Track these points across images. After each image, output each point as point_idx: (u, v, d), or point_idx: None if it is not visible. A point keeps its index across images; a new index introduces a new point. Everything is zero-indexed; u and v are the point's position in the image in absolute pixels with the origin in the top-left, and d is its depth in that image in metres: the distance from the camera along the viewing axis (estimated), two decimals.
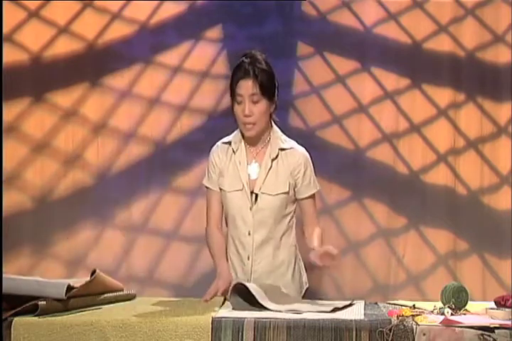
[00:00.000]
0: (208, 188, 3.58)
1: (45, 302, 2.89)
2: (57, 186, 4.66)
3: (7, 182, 4.56)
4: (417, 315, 2.88)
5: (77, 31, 4.68)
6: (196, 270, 4.61)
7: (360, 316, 2.92)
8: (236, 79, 3.43)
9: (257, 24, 4.67)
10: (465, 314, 3.00)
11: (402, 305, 3.14)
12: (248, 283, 3.15)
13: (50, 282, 2.99)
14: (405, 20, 4.70)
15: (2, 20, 3.78)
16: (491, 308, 3.03)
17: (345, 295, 4.53)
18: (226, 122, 3.60)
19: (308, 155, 3.54)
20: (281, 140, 3.52)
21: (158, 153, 4.70)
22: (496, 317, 2.93)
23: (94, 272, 3.08)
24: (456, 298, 3.06)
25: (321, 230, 3.54)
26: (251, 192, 3.47)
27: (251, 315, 2.90)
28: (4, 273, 2.98)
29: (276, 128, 3.55)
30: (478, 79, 4.68)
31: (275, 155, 3.50)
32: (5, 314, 2.86)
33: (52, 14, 4.67)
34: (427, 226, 4.67)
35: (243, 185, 3.48)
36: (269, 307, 3.02)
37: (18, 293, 2.92)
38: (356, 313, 2.98)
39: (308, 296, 3.55)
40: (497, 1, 4.67)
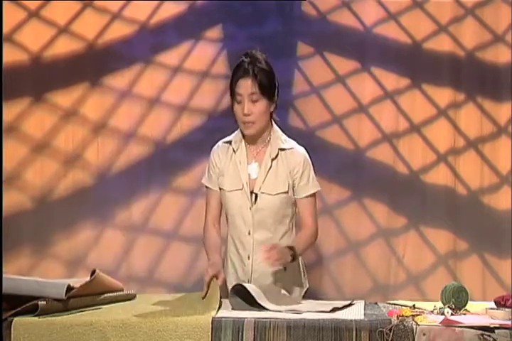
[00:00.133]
0: (208, 188, 3.59)
1: (45, 303, 2.89)
2: (57, 186, 4.66)
3: (7, 182, 4.56)
4: (417, 315, 2.88)
5: (77, 31, 4.68)
6: (196, 270, 4.60)
7: (360, 316, 2.92)
8: (236, 78, 3.43)
9: (257, 24, 4.67)
10: (465, 314, 3.00)
11: (402, 305, 3.14)
12: (247, 284, 3.15)
13: (50, 282, 2.99)
14: (405, 20, 4.70)
15: (2, 20, 3.78)
16: (491, 308, 3.03)
17: (345, 295, 4.53)
18: (226, 122, 3.60)
19: (307, 156, 3.53)
20: (281, 140, 3.52)
21: (158, 153, 4.70)
22: (496, 317, 2.93)
23: (94, 272, 3.08)
24: (456, 298, 3.06)
25: (311, 232, 3.48)
26: (251, 191, 3.48)
27: (251, 315, 2.90)
28: (4, 273, 2.98)
29: (276, 128, 3.55)
30: (478, 79, 4.68)
31: (275, 155, 3.49)
32: (5, 314, 2.86)
33: (52, 14, 4.67)
34: (427, 226, 4.67)
35: (243, 184, 3.48)
36: (269, 308, 3.02)
37: (18, 293, 2.92)
38: (356, 313, 2.98)
39: (309, 296, 3.55)
40: (497, 1, 4.67)
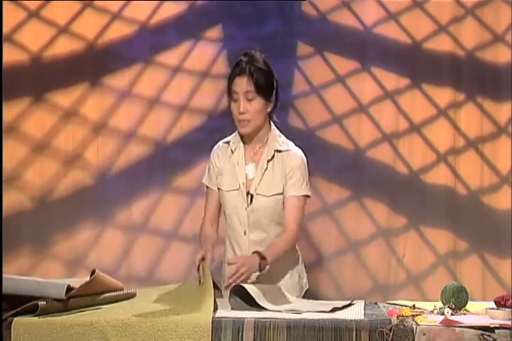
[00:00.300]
0: (207, 187, 3.60)
1: (45, 303, 2.88)
2: (57, 186, 4.66)
3: (7, 182, 4.56)
4: (417, 315, 2.87)
5: (77, 31, 4.68)
6: (196, 270, 4.59)
7: (360, 316, 2.92)
8: (232, 76, 3.44)
9: (257, 24, 4.67)
10: (465, 314, 3.00)
11: (402, 305, 3.14)
12: (247, 285, 3.15)
13: (50, 282, 2.98)
14: (405, 20, 4.70)
15: (2, 20, 3.78)
16: (491, 308, 3.02)
17: (345, 295, 4.52)
18: (226, 122, 3.60)
19: (304, 159, 3.51)
20: (278, 141, 3.50)
21: (158, 153, 4.70)
22: (496, 317, 2.93)
23: (93, 272, 3.08)
24: (456, 298, 3.05)
25: (291, 238, 3.42)
26: (247, 192, 3.47)
27: (251, 315, 2.90)
28: (4, 273, 2.98)
29: (274, 129, 3.53)
30: (478, 79, 4.68)
31: (271, 157, 3.48)
32: (5, 314, 2.85)
33: (52, 14, 4.67)
34: (427, 226, 4.67)
35: (239, 185, 3.48)
36: (268, 308, 3.02)
37: (18, 293, 2.92)
38: (356, 313, 2.98)
39: (308, 296, 3.54)
40: (497, 1, 4.67)
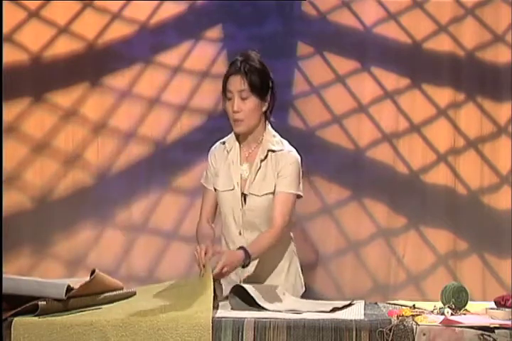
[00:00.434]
0: (204, 187, 3.60)
1: (45, 303, 2.88)
2: (57, 186, 4.66)
3: (7, 182, 4.56)
4: (417, 315, 2.87)
5: (77, 31, 4.68)
6: (196, 270, 4.56)
7: (360, 316, 2.92)
8: (227, 75, 3.44)
9: (257, 24, 4.67)
10: (465, 314, 3.00)
11: (402, 305, 3.14)
12: (246, 285, 3.15)
13: (50, 282, 2.98)
14: (405, 20, 4.70)
15: (2, 20, 3.78)
16: (491, 308, 3.02)
17: (345, 295, 4.52)
18: (226, 122, 3.59)
19: (298, 158, 3.47)
20: (271, 141, 3.48)
21: (158, 153, 4.70)
22: (496, 317, 2.93)
23: (93, 272, 3.08)
24: (456, 298, 3.05)
25: (275, 233, 3.37)
26: (242, 192, 3.47)
27: (251, 315, 2.89)
28: (4, 273, 2.98)
29: (270, 129, 3.51)
30: (478, 79, 4.68)
31: (264, 157, 3.47)
32: (5, 314, 2.85)
33: (52, 14, 4.68)
34: (427, 226, 4.67)
35: (234, 185, 3.48)
36: (268, 308, 3.02)
37: (18, 293, 2.91)
38: (356, 313, 2.98)
39: (308, 296, 3.54)
40: (497, 1, 4.67)
